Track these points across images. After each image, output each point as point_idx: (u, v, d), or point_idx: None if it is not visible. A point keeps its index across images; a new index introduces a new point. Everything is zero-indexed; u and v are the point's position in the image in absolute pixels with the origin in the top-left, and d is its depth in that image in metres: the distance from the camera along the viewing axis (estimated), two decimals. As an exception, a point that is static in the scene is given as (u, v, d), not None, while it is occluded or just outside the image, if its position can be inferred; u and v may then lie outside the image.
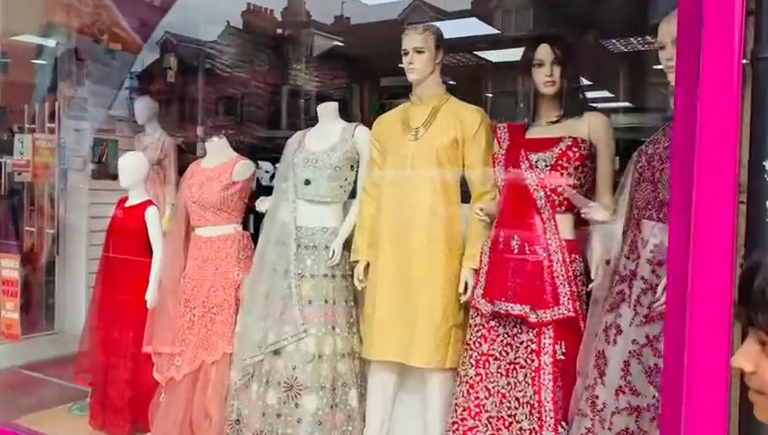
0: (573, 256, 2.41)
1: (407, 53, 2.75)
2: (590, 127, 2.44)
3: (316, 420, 2.81)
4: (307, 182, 2.99)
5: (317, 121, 3.16)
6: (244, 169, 3.28)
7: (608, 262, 2.30)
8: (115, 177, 4.99)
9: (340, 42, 6.11)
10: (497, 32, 5.33)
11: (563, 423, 2.31)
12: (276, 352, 2.91)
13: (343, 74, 6.59)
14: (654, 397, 2.02)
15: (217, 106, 5.82)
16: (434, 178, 2.70)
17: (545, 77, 2.43)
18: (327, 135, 3.06)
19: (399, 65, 2.81)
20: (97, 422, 3.54)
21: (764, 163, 1.52)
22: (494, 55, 5.62)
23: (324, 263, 2.97)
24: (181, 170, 4.79)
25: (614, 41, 4.88)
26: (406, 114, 2.85)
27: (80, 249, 4.84)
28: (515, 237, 2.43)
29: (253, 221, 3.58)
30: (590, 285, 2.38)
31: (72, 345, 4.41)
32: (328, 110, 3.12)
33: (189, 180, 3.34)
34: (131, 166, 3.50)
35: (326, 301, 2.93)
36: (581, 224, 2.49)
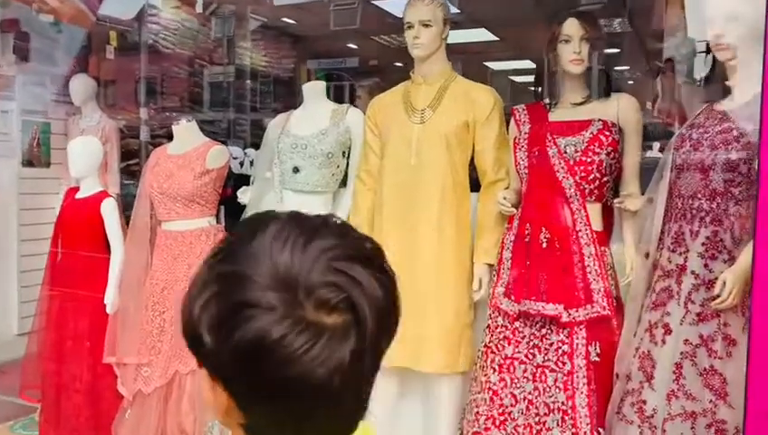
0: (603, 248, 2.24)
1: (411, 27, 2.49)
2: (620, 109, 2.26)
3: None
4: (296, 170, 2.69)
5: (264, 102, 2.85)
6: (218, 155, 2.93)
7: (646, 255, 2.13)
8: (48, 164, 4.54)
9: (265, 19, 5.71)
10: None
11: (600, 430, 2.14)
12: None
13: (289, 54, 6.24)
14: (710, 401, 1.88)
15: (161, 86, 5.34)
16: (443, 164, 2.46)
17: (573, 54, 2.23)
18: (315, 117, 2.76)
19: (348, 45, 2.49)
20: (47, 443, 3.12)
21: None
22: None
23: (317, 259, 2.68)
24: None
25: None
26: (407, 94, 2.59)
27: (10, 245, 4.31)
28: (543, 230, 2.23)
29: (225, 213, 3.24)
30: (624, 280, 2.22)
31: (1, 353, 3.93)
32: (315, 89, 2.82)
33: (154, 169, 2.96)
34: (84, 152, 3.07)
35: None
36: (607, 214, 2.32)
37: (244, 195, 2.83)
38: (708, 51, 2.15)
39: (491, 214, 2.47)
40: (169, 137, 4.02)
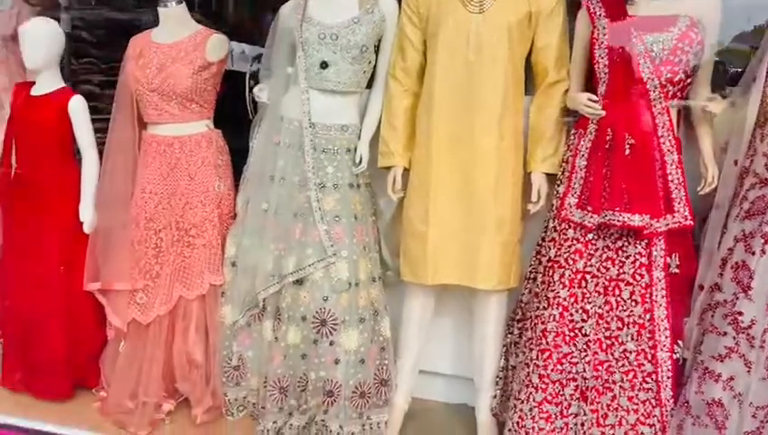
0: (680, 156, 2.12)
1: None
2: (701, 5, 2.08)
3: (358, 358, 2.32)
4: (324, 65, 2.32)
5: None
6: (219, 45, 2.49)
7: (735, 162, 2.03)
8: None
9: None
10: None
11: (680, 342, 2.09)
12: (298, 282, 2.33)
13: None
14: (813, 311, 1.85)
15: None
16: (505, 62, 2.20)
17: (660, -60, 2.00)
18: (340, 4, 2.37)
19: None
20: (12, 383, 2.68)
21: None
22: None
23: (348, 170, 2.38)
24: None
25: None
26: (459, -20, 2.26)
27: None
28: (627, 136, 2.06)
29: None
30: (704, 189, 2.11)
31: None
32: (338, -31, 2.41)
33: (140, 61, 2.46)
34: (42, 37, 2.50)
35: (356, 217, 2.37)
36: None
37: (262, 93, 2.42)
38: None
39: (551, 119, 2.27)
40: (90, 28, 3.44)
